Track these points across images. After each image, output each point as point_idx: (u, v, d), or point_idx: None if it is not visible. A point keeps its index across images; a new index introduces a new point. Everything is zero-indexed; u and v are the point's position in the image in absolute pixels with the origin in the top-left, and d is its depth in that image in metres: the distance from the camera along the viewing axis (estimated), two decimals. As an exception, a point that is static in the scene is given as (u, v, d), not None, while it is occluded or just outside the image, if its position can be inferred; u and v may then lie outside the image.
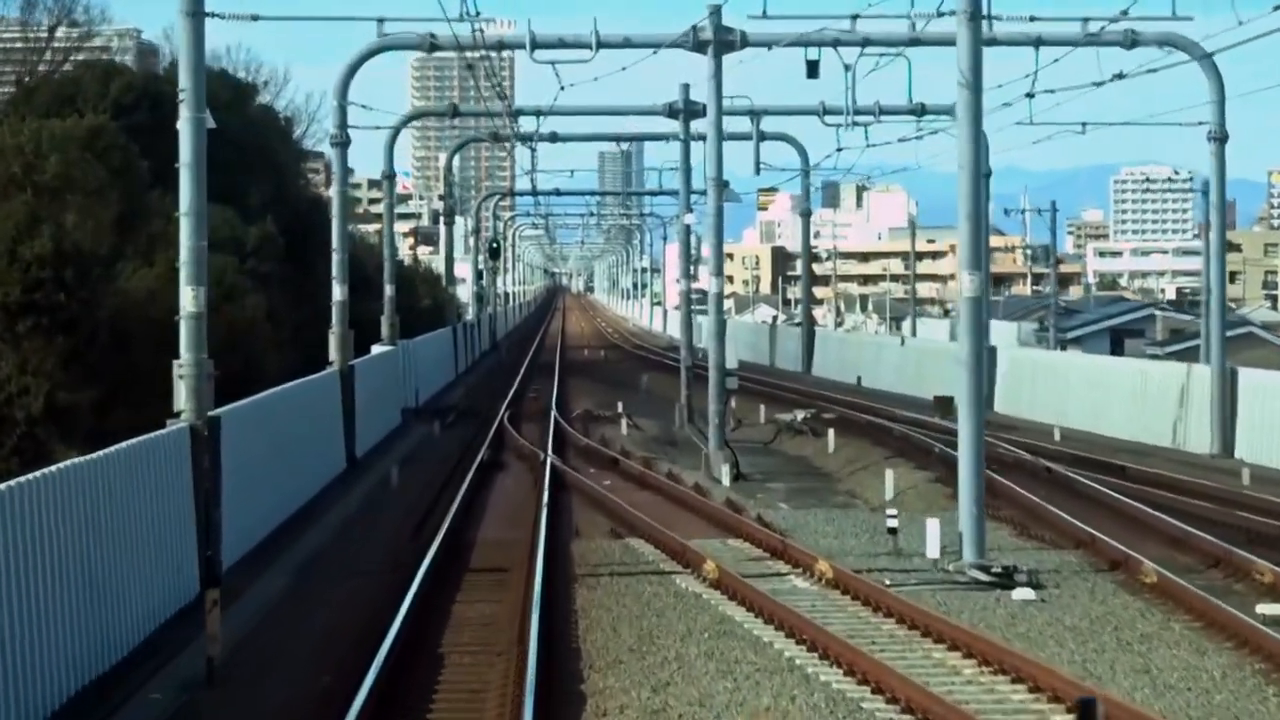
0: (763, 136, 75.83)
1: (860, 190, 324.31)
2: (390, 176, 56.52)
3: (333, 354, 40.89)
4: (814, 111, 56.31)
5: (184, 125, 24.98)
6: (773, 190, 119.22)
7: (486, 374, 79.10)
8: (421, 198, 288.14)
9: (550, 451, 40.97)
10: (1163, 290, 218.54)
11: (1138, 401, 45.81)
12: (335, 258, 41.90)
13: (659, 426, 53.42)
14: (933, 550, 25.14)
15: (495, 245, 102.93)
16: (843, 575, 23.96)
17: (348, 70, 42.84)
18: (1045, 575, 24.64)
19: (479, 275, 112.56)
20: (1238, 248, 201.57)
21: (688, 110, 54.84)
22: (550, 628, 20.60)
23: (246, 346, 57.09)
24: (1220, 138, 43.14)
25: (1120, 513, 31.42)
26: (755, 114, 57.50)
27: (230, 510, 25.75)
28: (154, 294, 53.71)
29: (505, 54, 70.11)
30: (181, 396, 24.60)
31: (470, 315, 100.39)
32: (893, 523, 27.63)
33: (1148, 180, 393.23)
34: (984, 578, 23.91)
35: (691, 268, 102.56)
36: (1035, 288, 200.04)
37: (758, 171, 57.31)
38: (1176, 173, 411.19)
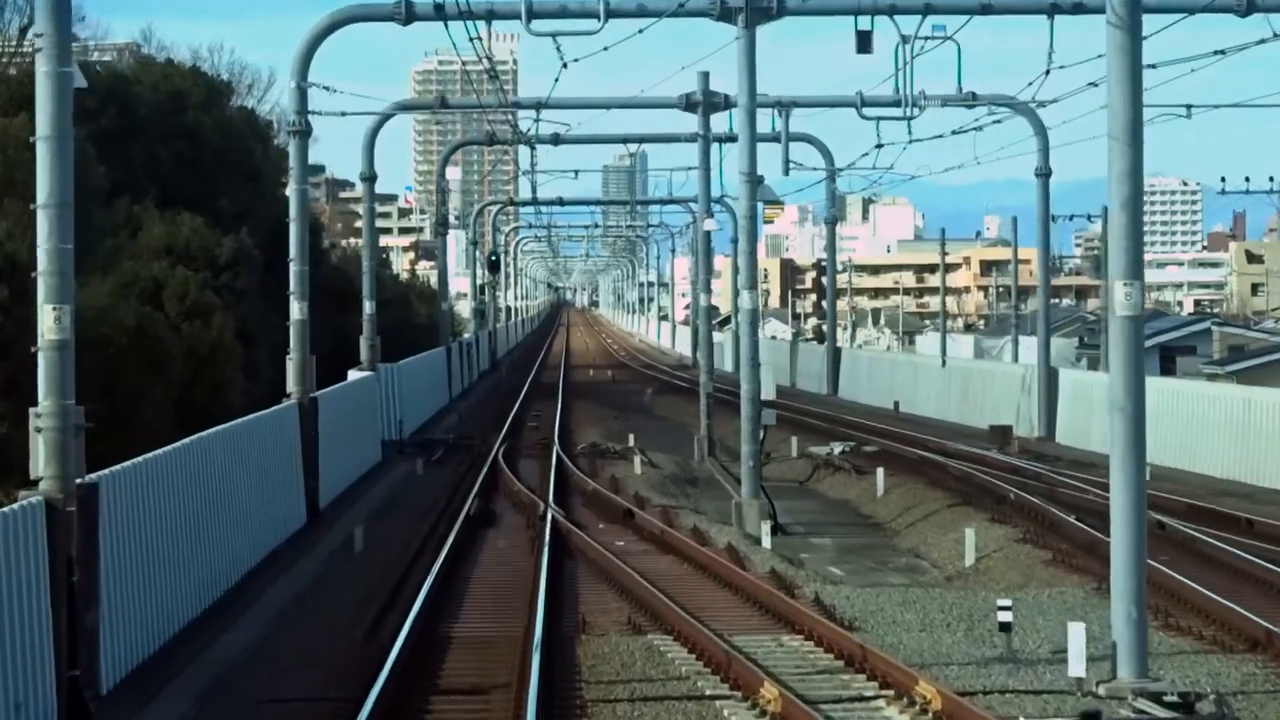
0: (789, 137, 69.07)
1: (866, 203, 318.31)
2: (370, 178, 49.47)
3: (290, 384, 33.91)
4: (848, 103, 49.32)
5: (42, 83, 17.95)
6: (779, 203, 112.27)
7: (484, 397, 72.08)
8: (423, 212, 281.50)
9: (551, 500, 33.96)
10: (1179, 303, 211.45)
11: (1240, 435, 38.72)
12: (293, 269, 35.01)
13: (676, 461, 46.44)
14: (1076, 665, 18.01)
15: (495, 258, 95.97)
16: (956, 707, 16.95)
17: (307, 46, 35.86)
18: (1230, 697, 17.62)
19: (480, 290, 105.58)
20: (1259, 259, 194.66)
21: (707, 102, 47.93)
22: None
23: (211, 373, 50.28)
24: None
25: (1274, 587, 24.42)
26: (783, 106, 50.55)
27: (112, 612, 18.78)
28: (104, 312, 46.98)
29: (506, 65, 63.28)
30: (40, 458, 17.56)
31: (469, 333, 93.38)
32: (1005, 616, 20.55)
33: (1158, 192, 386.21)
34: (1158, 713, 16.82)
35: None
36: (1053, 300, 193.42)
37: (786, 172, 50.35)
38: (1184, 183, 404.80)
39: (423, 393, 58.14)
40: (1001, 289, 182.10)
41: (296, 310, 34.18)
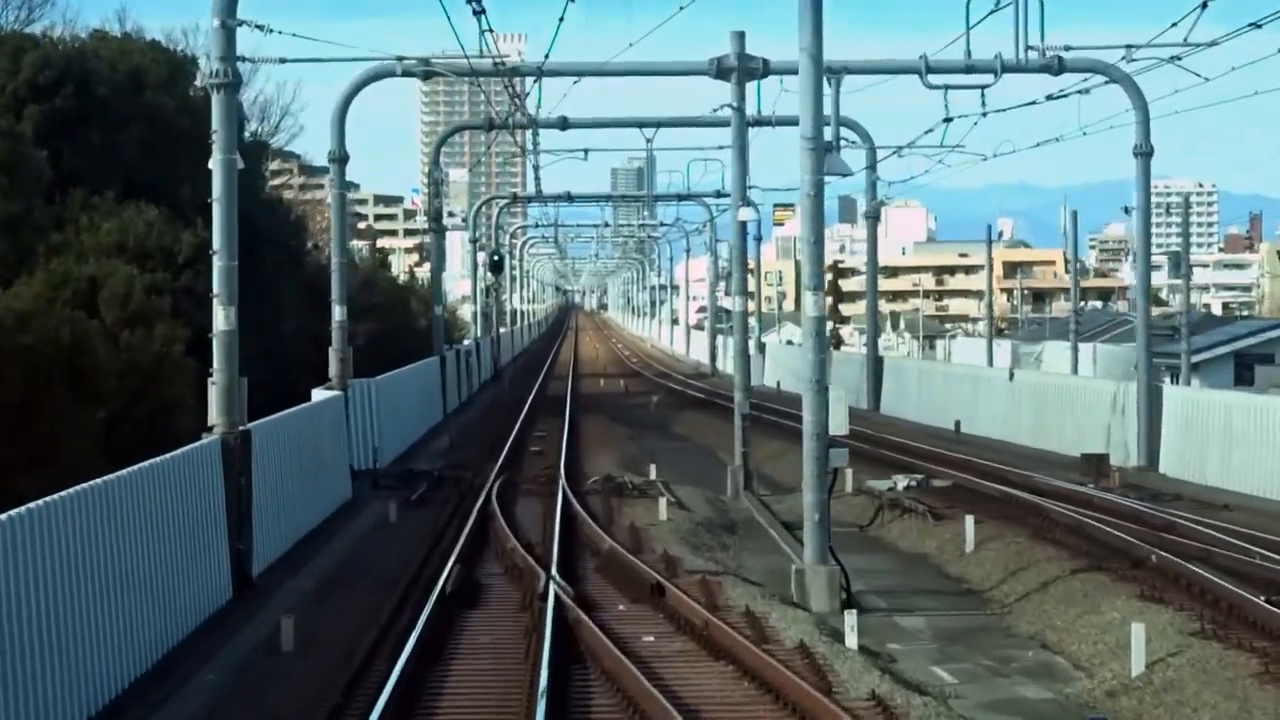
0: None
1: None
2: (341, 160, 41.13)
3: (212, 414, 25.61)
4: (909, 69, 41.06)
5: None
6: (790, 207, 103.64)
7: (483, 413, 63.76)
8: (427, 214, 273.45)
9: (555, 564, 25.68)
10: (1206, 304, 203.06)
11: None
12: (216, 265, 26.76)
13: (707, 498, 38.18)
14: None
15: (498, 258, 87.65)
16: None
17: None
18: None
19: (485, 292, 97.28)
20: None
21: (743, 67, 39.70)
22: None
23: (156, 392, 42.10)
24: None
25: None
26: (833, 73, 42.07)
27: None
28: (22, 319, 38.91)
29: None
30: None
31: (470, 339, 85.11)
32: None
33: (1173, 194, 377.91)
34: None
35: (722, 282, 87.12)
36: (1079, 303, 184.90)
37: (837, 149, 41.81)
38: (1200, 186, 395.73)
39: (409, 410, 49.91)
40: (1026, 291, 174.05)
41: (221, 318, 25.94)
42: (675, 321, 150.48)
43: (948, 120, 39.92)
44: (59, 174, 51.75)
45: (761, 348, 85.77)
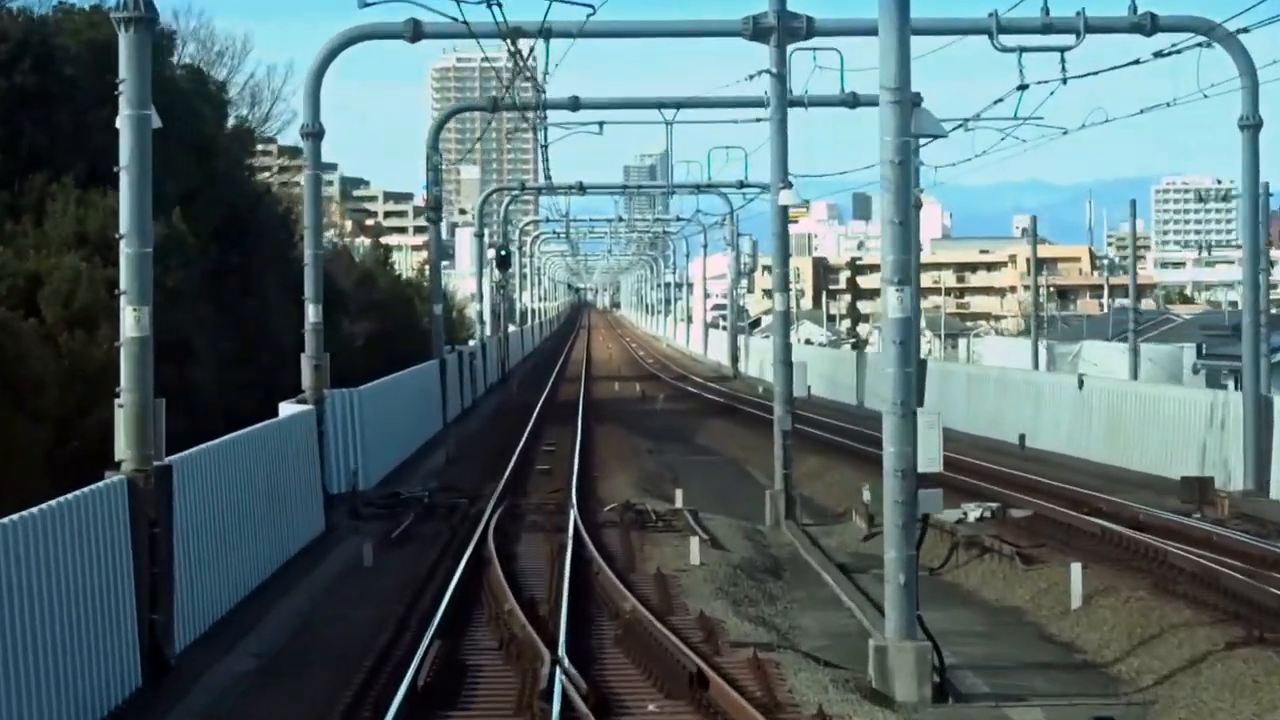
0: (855, 100, 54.90)
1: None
2: (315, 135, 34.98)
3: (120, 446, 19.61)
4: (978, 29, 35.03)
5: None
6: (804, 204, 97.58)
7: (486, 422, 57.76)
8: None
9: (564, 634, 19.74)
10: (1234, 303, 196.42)
11: None
12: (124, 253, 20.84)
13: (744, 530, 32.19)
14: None
15: (504, 253, 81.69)
16: None
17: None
18: None
19: (498, 287, 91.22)
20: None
21: (784, 26, 33.76)
22: None
23: (105, 405, 36.22)
24: None
25: None
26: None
27: None
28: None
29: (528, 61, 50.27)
30: None
31: (476, 339, 79.14)
32: None
33: (1191, 191, 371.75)
34: None
35: (744, 280, 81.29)
36: (1101, 300, 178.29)
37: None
38: (1219, 182, 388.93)
39: (402, 421, 43.97)
40: (1052, 288, 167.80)
41: (131, 321, 20.02)
42: (689, 320, 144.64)
43: (1023, 88, 33.87)
44: (20, 157, 46.11)
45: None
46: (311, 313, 34.26)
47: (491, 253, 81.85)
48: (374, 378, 48.50)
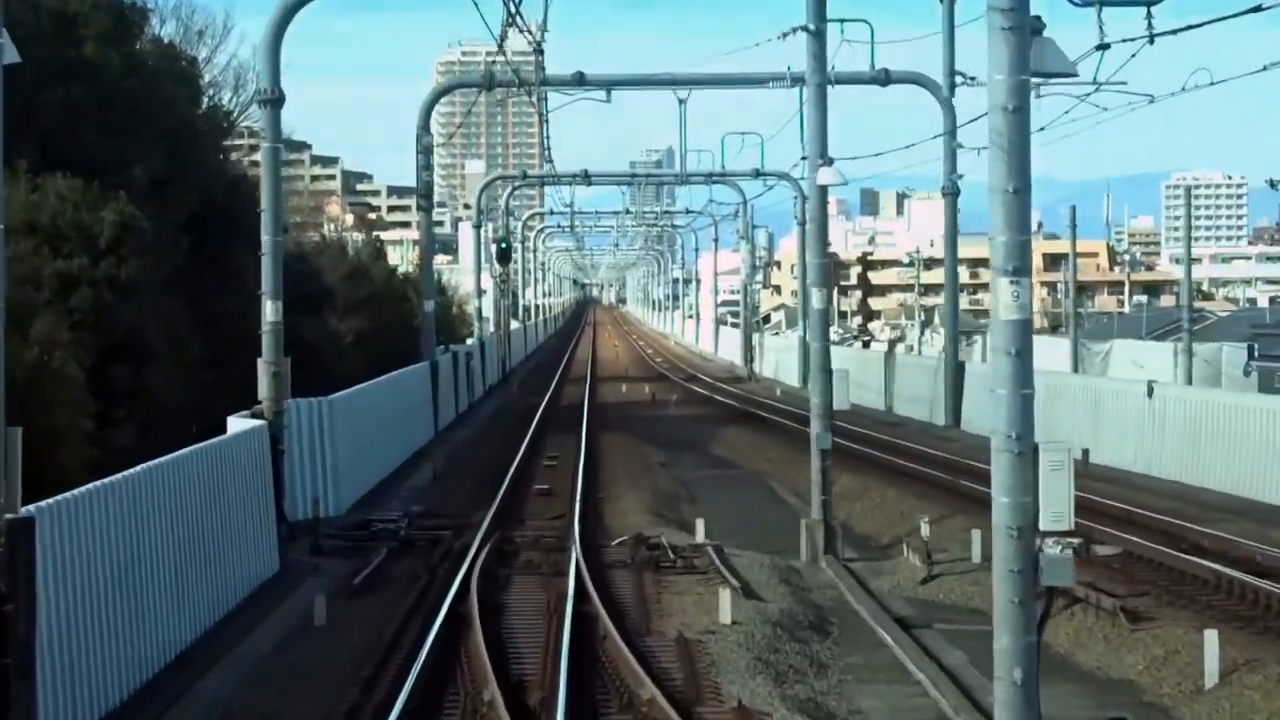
0: (888, 78, 49.78)
1: (901, 198, 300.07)
2: (273, 101, 29.50)
3: (-36, 494, 14.39)
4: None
5: None
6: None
7: (481, 430, 52.48)
8: (443, 205, 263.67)
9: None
10: (1252, 299, 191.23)
11: None
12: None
13: (776, 568, 26.93)
14: None
15: (505, 245, 76.43)
16: None
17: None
18: None
19: (499, 281, 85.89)
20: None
21: (824, -26, 28.50)
22: None
23: (39, 415, 31.15)
24: None
25: None
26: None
27: None
28: None
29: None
30: None
31: (473, 337, 73.90)
32: None
33: (1202, 185, 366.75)
34: None
35: (761, 273, 76.07)
36: (1119, 297, 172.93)
37: (951, 90, 30.73)
38: (1229, 177, 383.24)
39: (385, 432, 38.75)
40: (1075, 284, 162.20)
41: (-26, 324, 14.75)
42: (694, 316, 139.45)
43: (1102, 48, 28.54)
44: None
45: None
46: (269, 310, 29.16)
47: (493, 246, 76.57)
48: (365, 378, 43.52)
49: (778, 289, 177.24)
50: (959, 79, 35.45)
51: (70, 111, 44.09)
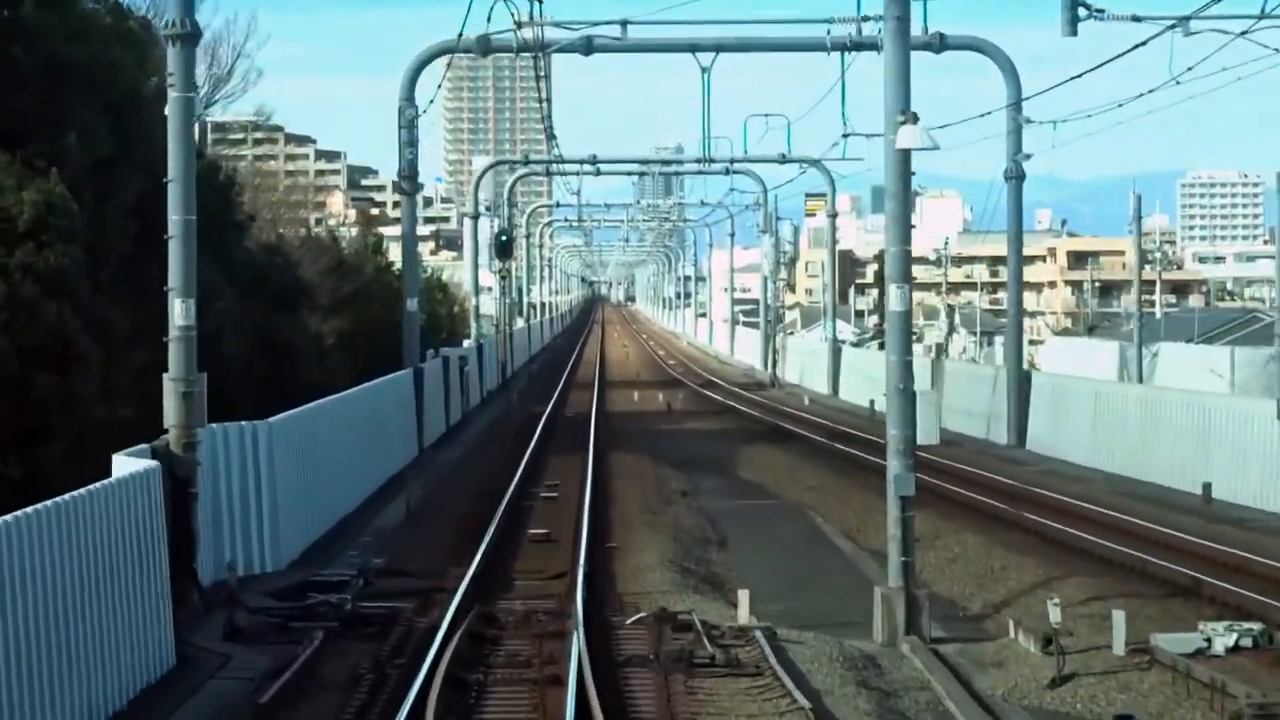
0: (943, 43, 42.73)
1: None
2: (184, 36, 22.23)
3: None
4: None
5: None
6: (821, 196, 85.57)
7: (474, 449, 45.26)
8: (446, 200, 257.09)
9: None
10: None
11: None
12: None
13: (845, 658, 19.80)
14: None
15: (505, 238, 69.29)
16: None
17: None
18: None
19: (500, 277, 78.57)
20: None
21: None
22: None
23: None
24: None
25: None
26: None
27: None
28: None
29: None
30: None
31: (472, 337, 66.81)
32: None
33: (1217, 184, 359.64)
34: None
35: (784, 269, 69.01)
36: (1147, 296, 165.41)
37: (1074, 29, 23.53)
38: (1243, 175, 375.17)
39: (348, 457, 31.65)
40: (1097, 284, 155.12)
41: None
42: (703, 315, 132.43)
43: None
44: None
45: (840, 352, 67.03)
46: (179, 311, 22.23)
47: (490, 237, 69.49)
48: (352, 383, 36.91)
49: (791, 287, 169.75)
50: (1082, 11, 28.14)
51: (5, 77, 37.12)
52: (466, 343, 65.38)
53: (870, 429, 47.72)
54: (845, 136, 44.68)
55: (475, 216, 70.29)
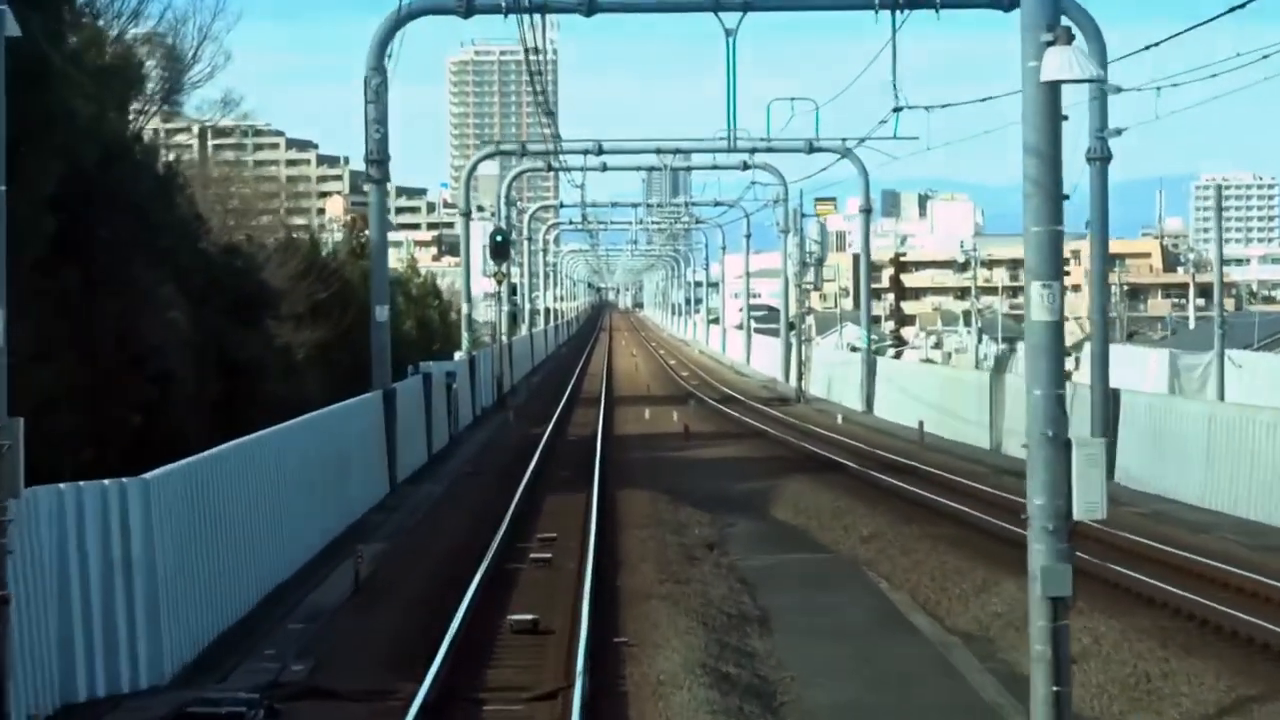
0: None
1: (923, 199, 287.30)
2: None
3: None
4: None
5: None
6: (830, 200, 78.49)
7: (455, 487, 37.63)
8: (452, 206, 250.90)
9: None
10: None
11: None
12: None
13: None
14: None
15: (502, 237, 62.09)
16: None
17: None
18: None
19: (495, 280, 71.18)
20: None
21: None
22: None
23: None
24: None
25: None
26: None
27: None
28: None
29: (546, 56, 32.54)
30: None
31: (462, 350, 59.57)
32: None
33: (1231, 186, 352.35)
34: None
35: (811, 270, 62.08)
36: (1175, 300, 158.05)
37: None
38: (1258, 178, 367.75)
39: (283, 510, 24.33)
40: (1126, 286, 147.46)
41: None
42: (714, 321, 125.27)
43: None
44: None
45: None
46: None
47: (486, 236, 62.30)
48: (325, 402, 30.11)
49: (819, 290, 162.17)
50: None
51: None
52: (458, 355, 58.22)
53: (922, 457, 40.43)
54: (896, 111, 37.47)
55: (467, 214, 63.15)
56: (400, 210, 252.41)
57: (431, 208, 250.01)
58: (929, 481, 34.90)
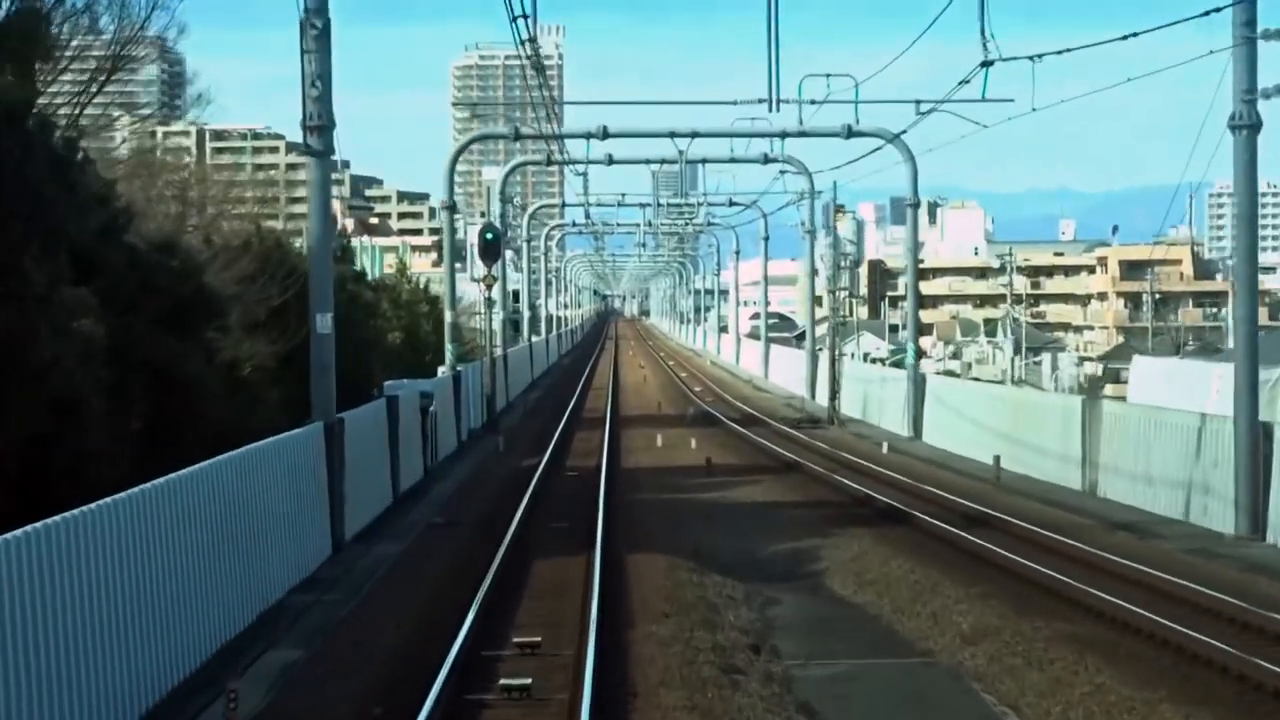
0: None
1: (933, 207, 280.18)
2: None
3: None
4: None
5: None
6: (840, 207, 70.58)
7: (417, 546, 29.21)
8: (457, 210, 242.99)
9: None
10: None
11: None
12: None
13: None
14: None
15: (492, 235, 54.04)
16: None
17: None
18: None
19: (487, 284, 62.95)
20: None
21: None
22: None
23: None
24: None
25: None
26: None
27: None
28: None
29: (551, 60, 25.04)
30: None
31: (445, 365, 51.36)
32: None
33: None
34: None
35: (847, 275, 54.26)
36: (1207, 308, 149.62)
37: None
38: (1271, 185, 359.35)
39: (161, 598, 16.20)
40: (1158, 295, 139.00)
41: None
42: (723, 329, 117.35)
43: None
44: None
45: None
46: None
47: (473, 232, 54.08)
48: (278, 430, 22.50)
49: (820, 300, 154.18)
50: None
51: None
52: (441, 369, 50.14)
53: (1004, 504, 32.18)
54: (985, 65, 29.33)
55: (450, 207, 54.99)
56: (402, 215, 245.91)
57: (433, 213, 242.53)
58: (1029, 544, 26.75)
